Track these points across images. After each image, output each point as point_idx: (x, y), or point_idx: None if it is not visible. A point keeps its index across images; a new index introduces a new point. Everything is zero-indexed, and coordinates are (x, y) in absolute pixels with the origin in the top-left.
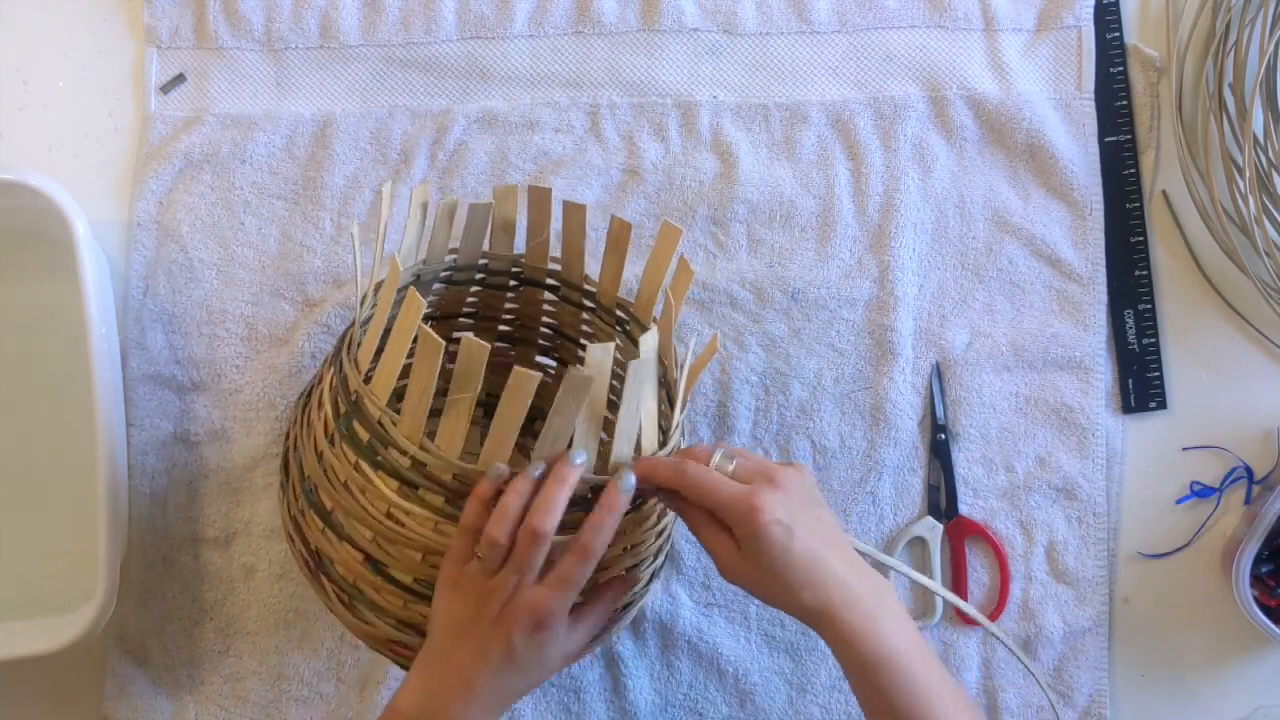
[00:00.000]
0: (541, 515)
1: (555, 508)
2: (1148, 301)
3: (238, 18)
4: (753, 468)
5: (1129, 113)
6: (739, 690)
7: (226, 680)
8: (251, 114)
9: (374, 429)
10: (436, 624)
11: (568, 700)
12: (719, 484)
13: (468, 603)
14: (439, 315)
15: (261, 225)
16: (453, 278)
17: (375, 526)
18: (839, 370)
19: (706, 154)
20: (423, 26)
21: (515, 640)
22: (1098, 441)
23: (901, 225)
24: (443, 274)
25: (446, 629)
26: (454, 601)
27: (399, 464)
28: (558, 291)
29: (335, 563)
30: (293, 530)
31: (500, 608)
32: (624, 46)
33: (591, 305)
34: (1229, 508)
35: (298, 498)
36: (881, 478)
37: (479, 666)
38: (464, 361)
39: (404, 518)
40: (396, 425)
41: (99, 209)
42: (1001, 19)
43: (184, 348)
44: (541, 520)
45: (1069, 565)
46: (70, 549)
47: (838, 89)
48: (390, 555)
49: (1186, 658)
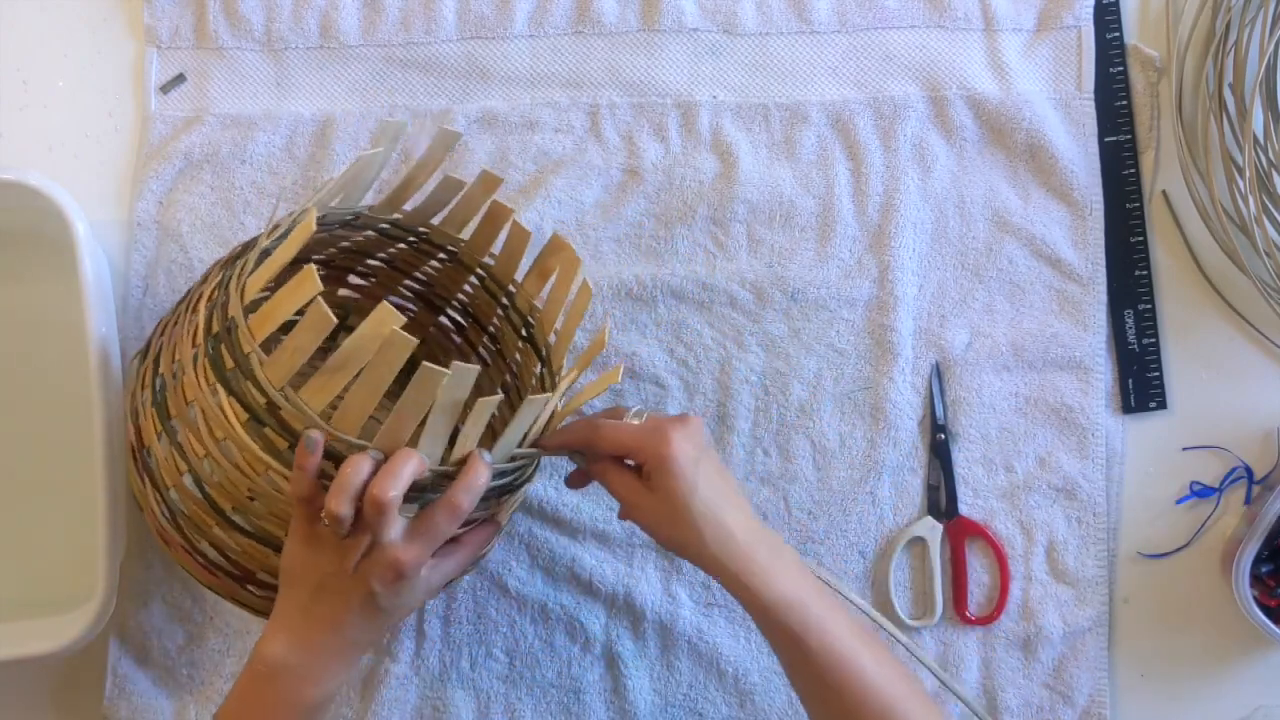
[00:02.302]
0: (384, 484)
1: (398, 478)
2: (1148, 301)
3: (238, 18)
4: (654, 418)
5: (1129, 113)
6: (739, 690)
7: (227, 680)
8: (251, 114)
9: (241, 361)
10: (294, 576)
11: (568, 700)
12: (630, 429)
13: (324, 557)
14: (324, 257)
15: (261, 225)
16: (354, 222)
17: (208, 446)
18: (839, 370)
19: (706, 154)
20: (423, 26)
21: (376, 589)
22: (1098, 441)
23: (901, 225)
24: (348, 217)
25: (304, 581)
26: (309, 556)
27: (255, 399)
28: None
29: (159, 464)
30: (129, 410)
31: (358, 560)
32: (624, 46)
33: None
34: (1229, 508)
35: (145, 387)
36: (881, 478)
37: (343, 614)
38: (381, 351)
39: (239, 450)
40: (264, 366)
41: (99, 209)
42: (1001, 19)
43: None
44: (384, 489)
45: (1069, 565)
46: (70, 549)
47: (838, 89)
48: (215, 480)
49: (1186, 658)
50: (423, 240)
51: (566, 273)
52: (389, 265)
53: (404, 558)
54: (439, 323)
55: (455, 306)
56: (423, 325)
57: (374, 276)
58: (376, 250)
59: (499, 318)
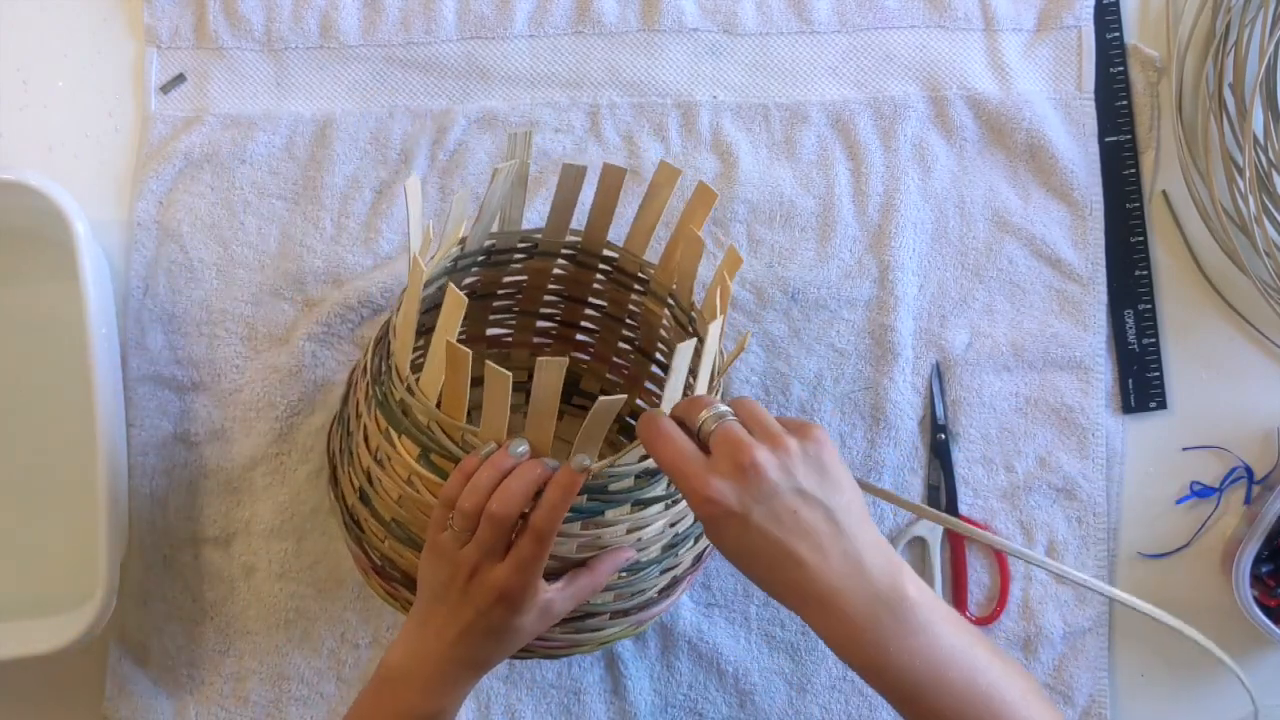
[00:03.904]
0: (498, 500)
1: (513, 496)
2: (1148, 301)
3: (238, 18)
4: (737, 438)
5: (1129, 113)
6: (739, 690)
7: (227, 680)
8: (251, 114)
9: (416, 422)
10: (420, 585)
11: (568, 700)
12: (675, 457)
13: (442, 569)
14: (481, 294)
15: (261, 225)
16: (490, 259)
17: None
18: (839, 370)
19: (706, 154)
20: (423, 26)
21: (481, 612)
22: (1098, 441)
23: (901, 225)
24: (479, 258)
25: (425, 592)
26: (431, 566)
27: (418, 427)
28: (610, 273)
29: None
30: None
31: (466, 580)
32: (624, 46)
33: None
34: (1229, 508)
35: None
36: (881, 478)
37: (453, 629)
38: (489, 387)
39: (420, 483)
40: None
41: (99, 209)
42: (1001, 19)
43: (184, 348)
44: (497, 504)
45: (1069, 565)
46: (70, 549)
47: (838, 89)
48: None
49: (1186, 658)
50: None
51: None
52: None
53: (502, 584)
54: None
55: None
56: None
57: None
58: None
59: (664, 327)
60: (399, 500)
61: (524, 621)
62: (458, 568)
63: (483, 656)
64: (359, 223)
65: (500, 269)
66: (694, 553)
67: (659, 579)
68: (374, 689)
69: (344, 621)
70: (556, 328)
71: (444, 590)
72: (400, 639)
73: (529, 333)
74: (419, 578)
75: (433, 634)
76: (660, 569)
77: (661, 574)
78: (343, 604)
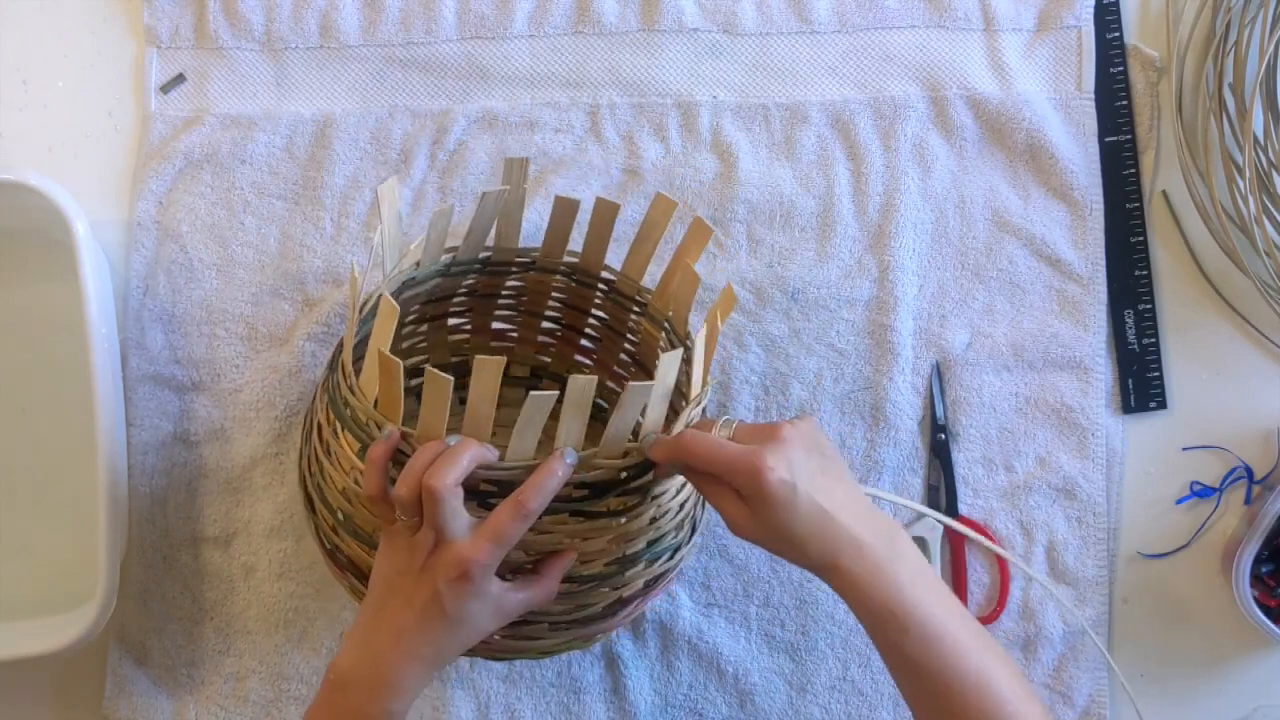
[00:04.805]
0: (438, 471)
1: (451, 467)
2: (1148, 301)
3: (238, 18)
4: (752, 430)
5: (1129, 113)
6: (739, 690)
7: (227, 680)
8: (251, 114)
9: (356, 418)
10: (373, 578)
11: (568, 700)
12: (719, 448)
13: (397, 556)
14: (437, 297)
15: (261, 225)
16: (448, 271)
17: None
18: (839, 370)
19: (706, 154)
20: (423, 26)
21: (440, 589)
22: (1098, 441)
23: (901, 225)
24: (437, 271)
25: (378, 582)
26: (385, 555)
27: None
28: (571, 277)
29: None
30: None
31: (425, 558)
32: (624, 46)
33: (605, 289)
34: (1229, 508)
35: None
36: (881, 478)
37: (407, 615)
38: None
39: (359, 477)
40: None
41: (99, 209)
42: (1001, 19)
43: (184, 348)
44: (436, 476)
45: (1069, 565)
46: (70, 549)
47: (838, 89)
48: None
49: (1186, 658)
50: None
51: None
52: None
53: (468, 554)
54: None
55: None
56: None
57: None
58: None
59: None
60: (343, 492)
61: (479, 610)
62: (415, 548)
63: (436, 649)
64: (359, 223)
65: (500, 277)
66: (644, 577)
67: (604, 594)
68: (324, 697)
69: (343, 621)
70: (560, 330)
71: (398, 576)
72: (348, 644)
73: (533, 331)
74: (372, 575)
75: (385, 632)
76: (608, 586)
77: (611, 590)
78: (342, 604)
